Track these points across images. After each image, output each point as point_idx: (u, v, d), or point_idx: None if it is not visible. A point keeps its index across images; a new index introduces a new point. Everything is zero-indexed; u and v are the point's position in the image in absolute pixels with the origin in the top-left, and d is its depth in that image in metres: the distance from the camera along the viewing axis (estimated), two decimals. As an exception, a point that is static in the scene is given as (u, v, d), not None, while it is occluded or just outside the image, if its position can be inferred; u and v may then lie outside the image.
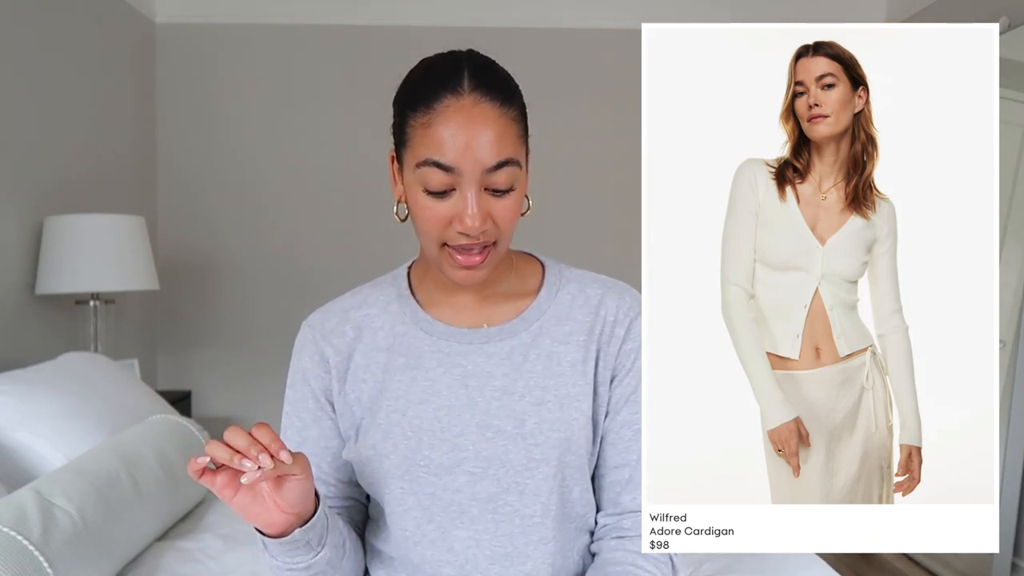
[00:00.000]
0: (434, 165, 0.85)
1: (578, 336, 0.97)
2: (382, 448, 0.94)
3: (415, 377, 0.96)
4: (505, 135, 0.87)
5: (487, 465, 0.93)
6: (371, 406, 0.97)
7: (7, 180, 2.33)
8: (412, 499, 0.94)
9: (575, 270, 1.04)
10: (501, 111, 0.87)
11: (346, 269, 3.35)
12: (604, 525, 0.99)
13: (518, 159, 0.88)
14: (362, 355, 0.98)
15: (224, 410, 3.40)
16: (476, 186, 0.86)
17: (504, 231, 0.90)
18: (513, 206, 0.89)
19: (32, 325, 2.45)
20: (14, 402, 1.80)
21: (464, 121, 0.85)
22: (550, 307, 0.99)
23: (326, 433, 1.00)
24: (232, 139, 3.36)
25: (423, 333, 0.98)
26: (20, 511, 1.30)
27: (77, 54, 2.72)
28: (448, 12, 3.31)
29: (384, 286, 1.03)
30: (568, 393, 0.95)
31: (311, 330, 1.01)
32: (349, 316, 1.00)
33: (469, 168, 0.85)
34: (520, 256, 1.04)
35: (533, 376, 0.95)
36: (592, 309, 0.99)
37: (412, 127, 0.88)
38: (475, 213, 0.86)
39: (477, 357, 0.96)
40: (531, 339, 0.97)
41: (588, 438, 0.96)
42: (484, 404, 0.94)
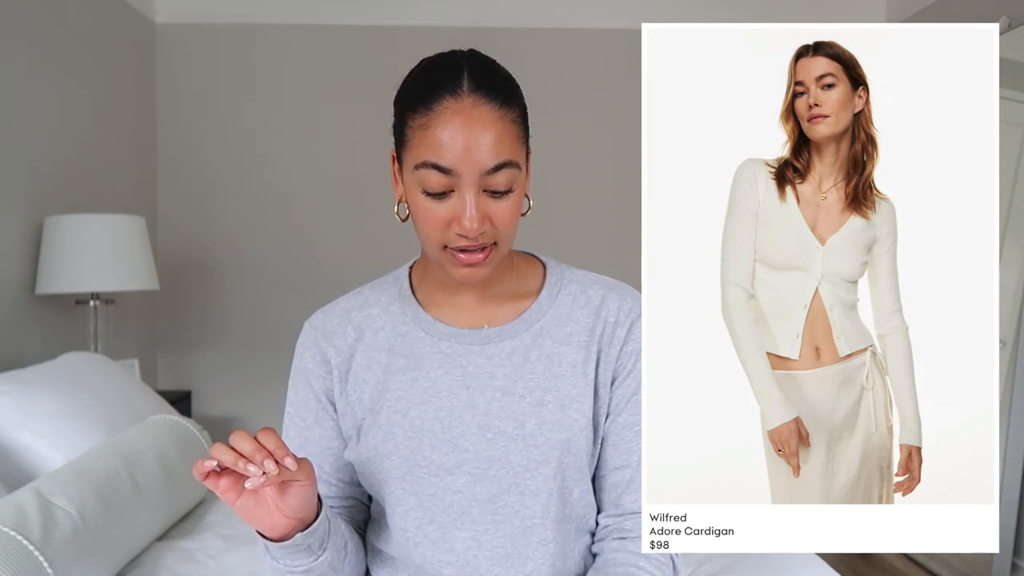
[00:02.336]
0: (432, 167, 0.85)
1: (579, 337, 0.97)
2: (383, 449, 0.94)
3: (416, 378, 0.96)
4: (504, 137, 0.86)
5: (487, 466, 0.93)
6: (372, 406, 0.97)
7: (7, 180, 2.33)
8: (413, 500, 0.94)
9: (577, 271, 1.03)
10: (500, 113, 0.86)
11: (347, 269, 3.35)
12: (605, 526, 0.99)
13: (517, 161, 0.88)
14: (363, 355, 0.98)
15: (224, 410, 3.40)
16: (474, 188, 0.86)
17: (504, 232, 0.90)
18: (512, 207, 0.89)
19: (32, 325, 2.45)
20: (14, 402, 1.80)
21: (463, 123, 0.85)
22: (551, 308, 0.99)
23: (328, 433, 1.00)
24: (232, 139, 3.36)
25: (424, 334, 0.98)
26: (20, 511, 1.31)
27: (77, 54, 2.72)
28: (448, 12, 3.31)
29: (385, 287, 1.03)
30: (569, 394, 0.95)
31: (313, 330, 1.01)
32: (351, 316, 1.00)
33: (467, 170, 0.85)
34: (521, 256, 1.04)
35: (534, 377, 0.95)
36: (593, 310, 0.99)
37: (411, 128, 0.87)
38: (473, 215, 0.86)
39: (478, 358, 0.96)
40: (532, 340, 0.97)
41: (589, 439, 0.96)
42: (484, 405, 0.94)
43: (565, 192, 3.37)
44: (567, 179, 3.38)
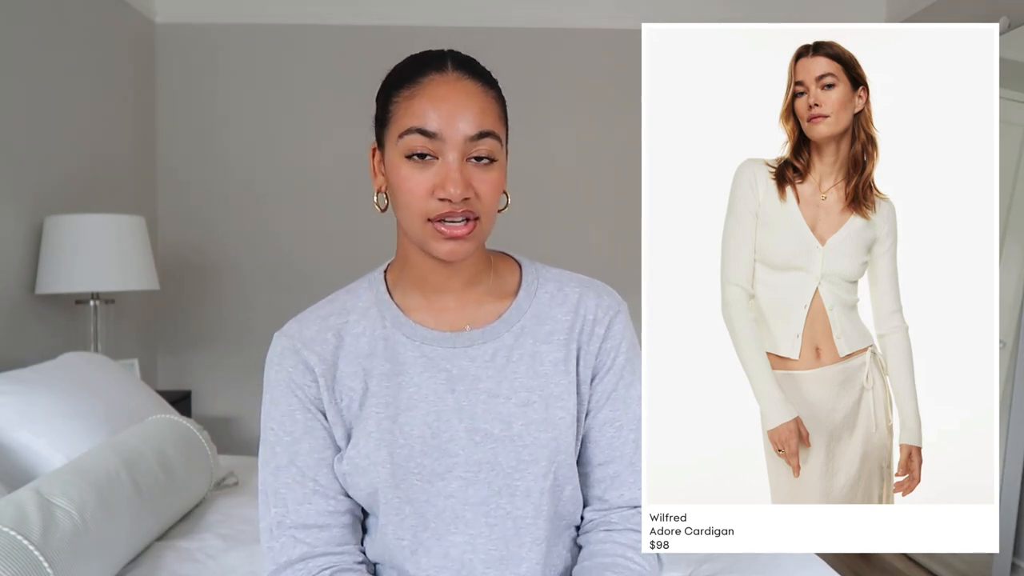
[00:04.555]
0: (418, 132, 0.88)
1: (559, 335, 0.97)
2: (376, 457, 0.93)
3: (401, 383, 0.95)
4: (487, 109, 0.90)
5: (478, 469, 0.93)
6: (359, 413, 0.95)
7: (7, 180, 2.33)
8: (408, 507, 0.93)
9: (552, 269, 1.03)
10: (483, 89, 0.90)
11: (346, 269, 3.33)
12: (591, 520, 0.99)
13: (499, 135, 0.90)
14: (346, 362, 0.96)
15: (224, 410, 3.40)
16: (458, 153, 0.87)
17: (486, 206, 0.90)
18: (495, 181, 0.90)
19: (32, 325, 2.45)
20: (14, 402, 1.80)
21: (448, 92, 0.88)
22: (530, 307, 0.99)
23: (319, 444, 0.96)
24: (232, 139, 3.36)
25: (405, 338, 0.96)
26: (20, 511, 1.30)
27: (77, 54, 2.72)
28: (447, 12, 3.31)
29: (360, 291, 1.01)
30: (552, 393, 0.95)
31: (289, 339, 0.98)
32: (329, 323, 0.98)
33: (451, 134, 0.87)
34: (498, 256, 1.04)
35: (518, 377, 0.95)
36: (571, 308, 0.99)
37: (396, 103, 0.90)
38: (457, 179, 0.87)
39: (461, 361, 0.95)
40: (513, 340, 0.97)
41: (575, 436, 0.96)
42: (471, 408, 0.94)
43: (565, 192, 3.37)
44: (567, 179, 3.38)
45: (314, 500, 0.95)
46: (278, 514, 0.95)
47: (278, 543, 0.95)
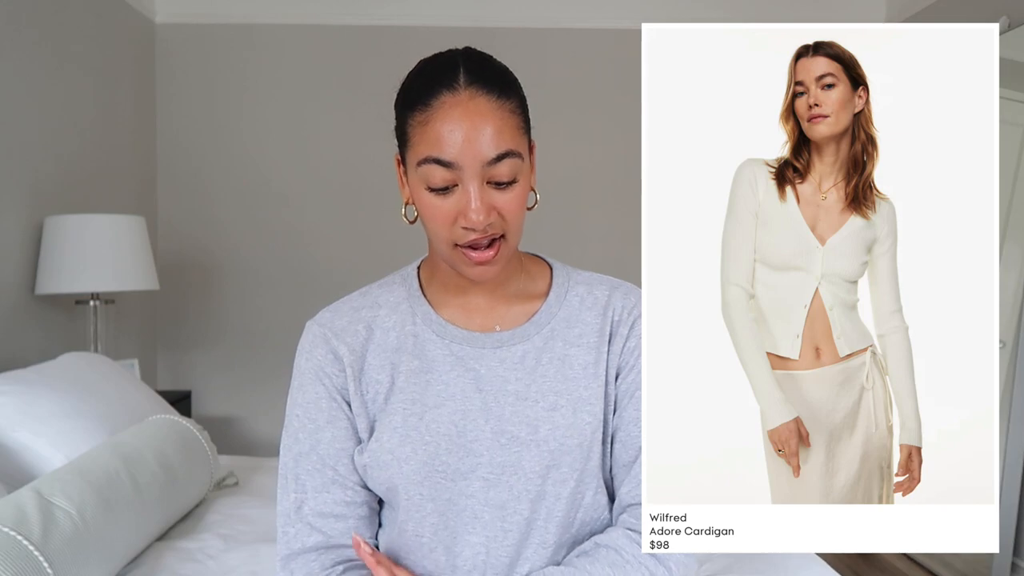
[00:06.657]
0: (434, 162, 0.85)
1: (589, 338, 0.97)
2: (400, 453, 0.92)
3: (429, 380, 0.95)
4: (504, 127, 0.86)
5: (500, 471, 0.92)
6: (384, 407, 0.95)
7: (7, 180, 2.33)
8: (431, 505, 0.93)
9: (583, 272, 1.03)
10: (498, 103, 0.87)
11: (347, 269, 3.35)
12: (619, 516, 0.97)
13: (519, 151, 0.87)
14: (374, 355, 0.97)
15: (224, 410, 3.40)
16: (478, 180, 0.86)
17: (511, 224, 0.89)
18: (517, 198, 0.89)
19: (32, 325, 2.45)
20: (14, 402, 1.80)
21: (461, 116, 0.85)
22: (560, 309, 0.99)
23: (341, 434, 0.96)
24: (232, 139, 3.36)
25: (435, 336, 0.97)
26: (20, 511, 1.30)
27: (77, 54, 2.72)
28: (448, 12, 3.31)
29: (393, 286, 1.02)
30: (580, 397, 0.95)
31: (321, 328, 0.98)
32: (360, 315, 0.99)
33: (469, 162, 0.85)
34: (529, 258, 1.04)
35: (546, 381, 0.95)
36: (601, 310, 0.99)
37: (411, 127, 0.88)
38: (478, 207, 0.85)
39: (491, 361, 0.95)
40: (543, 343, 0.97)
41: (600, 441, 0.96)
42: (499, 410, 0.94)
43: (565, 192, 3.37)
44: (567, 179, 3.38)
45: (332, 489, 0.95)
46: (297, 500, 0.95)
47: (294, 528, 0.95)
